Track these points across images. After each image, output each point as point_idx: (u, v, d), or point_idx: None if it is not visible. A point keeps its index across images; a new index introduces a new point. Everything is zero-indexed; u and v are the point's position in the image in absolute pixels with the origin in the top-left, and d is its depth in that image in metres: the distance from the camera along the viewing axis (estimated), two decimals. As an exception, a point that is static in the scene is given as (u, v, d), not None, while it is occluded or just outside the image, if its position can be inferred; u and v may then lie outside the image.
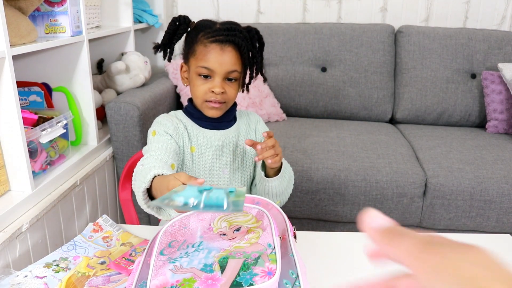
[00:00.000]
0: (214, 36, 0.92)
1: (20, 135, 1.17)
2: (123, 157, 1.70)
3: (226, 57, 0.92)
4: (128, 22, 1.99)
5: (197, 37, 0.95)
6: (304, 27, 2.21)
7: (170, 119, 0.99)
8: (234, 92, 0.97)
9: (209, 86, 0.94)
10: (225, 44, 0.92)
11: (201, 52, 0.93)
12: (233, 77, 0.95)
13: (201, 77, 0.94)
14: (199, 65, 0.93)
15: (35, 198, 1.24)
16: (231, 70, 0.93)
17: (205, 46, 0.93)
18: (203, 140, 0.99)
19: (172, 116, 1.01)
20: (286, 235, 0.70)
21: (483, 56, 2.13)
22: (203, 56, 0.93)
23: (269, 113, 2.06)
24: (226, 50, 0.92)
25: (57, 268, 0.78)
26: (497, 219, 1.62)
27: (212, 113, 0.97)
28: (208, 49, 0.93)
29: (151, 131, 0.98)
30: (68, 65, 1.55)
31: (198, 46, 0.94)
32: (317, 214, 1.67)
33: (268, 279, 0.56)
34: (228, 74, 0.94)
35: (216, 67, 0.92)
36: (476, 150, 1.77)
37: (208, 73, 0.93)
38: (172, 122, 0.98)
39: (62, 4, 1.41)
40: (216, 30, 0.93)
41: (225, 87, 0.94)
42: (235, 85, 0.97)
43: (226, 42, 0.92)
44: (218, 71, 0.93)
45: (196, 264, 0.61)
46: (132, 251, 0.84)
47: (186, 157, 0.99)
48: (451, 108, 2.12)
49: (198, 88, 0.95)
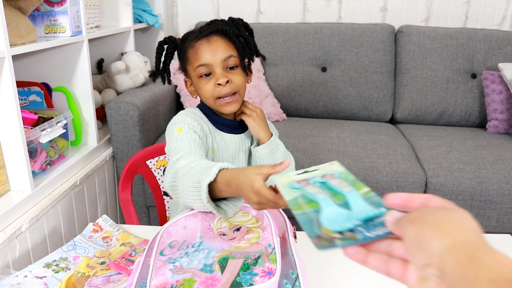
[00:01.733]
0: (198, 35, 0.92)
1: (20, 135, 1.17)
2: (123, 157, 1.70)
3: (216, 46, 0.91)
4: (128, 22, 1.99)
5: (185, 46, 0.95)
6: (304, 27, 2.20)
7: (194, 116, 0.95)
8: (240, 78, 0.93)
9: (213, 81, 0.91)
10: (210, 36, 0.92)
11: (192, 54, 0.93)
12: (232, 64, 0.92)
13: (203, 78, 0.92)
14: (195, 66, 0.92)
15: (35, 198, 1.24)
16: (226, 56, 0.91)
17: (193, 47, 0.93)
18: (221, 143, 0.97)
19: (194, 114, 0.96)
20: (286, 235, 0.70)
21: (484, 56, 2.13)
22: (195, 57, 0.92)
23: (269, 113, 2.06)
24: (213, 40, 0.92)
25: (57, 268, 0.78)
26: (498, 219, 1.62)
27: (229, 109, 0.93)
28: (196, 47, 0.92)
29: (175, 128, 0.91)
30: (68, 65, 1.54)
31: (188, 51, 0.94)
32: (317, 214, 1.67)
33: (268, 279, 0.56)
34: (225, 62, 0.91)
35: (210, 60, 0.91)
36: (477, 150, 1.77)
37: (207, 70, 0.91)
38: (197, 121, 0.94)
39: (62, 4, 1.41)
40: (199, 29, 0.94)
41: (229, 76, 0.91)
42: (239, 71, 0.94)
43: (210, 33, 0.92)
44: (214, 62, 0.91)
45: (196, 264, 0.61)
46: (132, 251, 0.84)
47: (208, 158, 0.95)
48: (451, 108, 2.12)
49: (204, 89, 0.93)
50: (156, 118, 1.81)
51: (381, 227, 0.42)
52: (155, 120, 1.80)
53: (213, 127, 0.97)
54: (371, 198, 0.46)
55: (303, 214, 0.45)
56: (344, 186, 0.49)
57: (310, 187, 0.50)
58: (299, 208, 0.47)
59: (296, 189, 0.51)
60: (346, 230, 0.42)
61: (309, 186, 0.50)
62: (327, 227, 0.43)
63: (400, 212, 0.41)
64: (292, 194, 0.50)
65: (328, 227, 0.42)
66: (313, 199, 0.47)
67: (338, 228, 0.42)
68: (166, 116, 1.93)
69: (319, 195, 0.48)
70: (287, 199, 0.49)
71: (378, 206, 0.44)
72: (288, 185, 0.52)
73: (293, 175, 0.53)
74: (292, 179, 0.52)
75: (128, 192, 1.16)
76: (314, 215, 0.45)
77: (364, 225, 0.42)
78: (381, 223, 0.42)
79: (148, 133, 1.73)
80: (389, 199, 0.42)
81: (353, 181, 0.50)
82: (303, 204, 0.48)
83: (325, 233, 0.42)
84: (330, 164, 0.54)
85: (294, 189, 0.51)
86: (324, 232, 0.42)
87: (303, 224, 0.44)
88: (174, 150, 0.85)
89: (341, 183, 0.49)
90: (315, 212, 0.46)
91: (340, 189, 0.48)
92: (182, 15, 2.46)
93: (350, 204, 0.45)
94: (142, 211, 1.77)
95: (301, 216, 0.45)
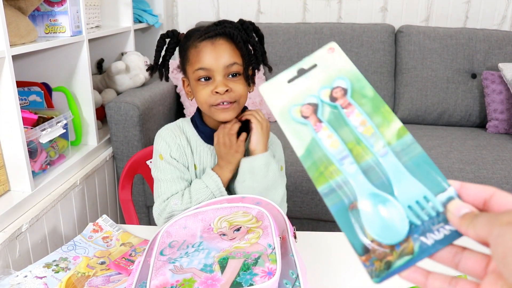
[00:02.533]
0: (202, 35, 0.85)
1: (20, 135, 1.17)
2: (123, 157, 1.70)
3: (220, 51, 0.84)
4: (128, 22, 1.99)
5: (187, 44, 0.88)
6: (304, 27, 2.20)
7: (174, 133, 0.92)
8: (241, 87, 0.86)
9: (211, 88, 0.84)
10: (216, 38, 0.84)
11: (193, 55, 0.86)
12: (235, 71, 0.85)
13: (201, 82, 0.86)
14: (195, 68, 0.85)
15: (35, 198, 1.24)
16: (229, 63, 0.84)
17: (195, 47, 0.86)
18: (206, 157, 0.93)
19: (175, 129, 0.93)
20: (286, 235, 0.70)
21: (484, 56, 2.13)
22: (196, 58, 0.85)
23: (269, 113, 2.06)
24: (218, 43, 0.84)
25: (57, 268, 0.78)
26: (498, 219, 1.62)
27: (224, 116, 0.87)
28: (199, 48, 0.85)
29: (157, 153, 0.92)
30: (68, 65, 1.54)
31: (190, 51, 0.87)
32: (317, 214, 1.67)
33: (268, 279, 0.56)
34: (227, 69, 0.84)
35: (212, 64, 0.84)
36: (477, 150, 1.77)
37: (206, 74, 0.85)
38: (175, 140, 0.91)
39: (62, 4, 1.41)
40: (204, 29, 0.87)
41: (229, 84, 0.85)
42: (240, 80, 0.87)
43: (216, 35, 0.84)
44: (215, 67, 0.84)
45: (196, 264, 0.61)
46: (132, 251, 0.84)
47: (190, 173, 0.94)
48: (452, 108, 2.12)
49: (199, 94, 0.86)
50: (156, 118, 1.81)
51: (443, 223, 0.31)
52: (155, 120, 1.80)
53: (200, 140, 0.93)
54: (413, 154, 0.34)
55: (331, 194, 0.34)
56: (366, 124, 0.35)
57: (321, 128, 0.36)
58: (321, 176, 0.35)
59: (302, 124, 0.37)
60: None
61: (320, 126, 0.36)
62: (377, 238, 0.32)
63: (462, 202, 0.31)
64: (302, 139, 0.37)
65: (377, 239, 0.32)
66: (333, 161, 0.35)
67: (393, 241, 0.32)
68: (166, 116, 1.93)
69: (339, 156, 0.35)
70: (299, 153, 0.36)
71: (432, 178, 0.32)
72: (288, 113, 0.37)
73: (287, 89, 0.38)
74: (291, 101, 0.37)
75: (128, 192, 1.16)
76: (345, 193, 0.34)
77: (416, 218, 0.32)
78: (441, 217, 0.31)
79: (148, 133, 1.73)
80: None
81: (373, 103, 0.36)
82: (321, 164, 0.35)
83: (372, 241, 0.32)
84: (328, 50, 0.38)
85: (299, 124, 0.37)
86: (370, 240, 0.32)
87: (338, 217, 0.33)
88: (158, 189, 0.91)
89: (359, 115, 0.36)
90: (345, 186, 0.34)
91: (364, 136, 0.35)
92: (182, 15, 2.46)
93: (389, 176, 0.34)
94: (142, 211, 1.77)
95: (330, 199, 0.34)
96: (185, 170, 0.92)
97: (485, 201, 0.31)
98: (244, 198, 0.76)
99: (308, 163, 0.35)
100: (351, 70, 0.38)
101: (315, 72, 0.38)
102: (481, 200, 0.31)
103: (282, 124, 0.37)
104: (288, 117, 0.37)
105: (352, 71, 0.38)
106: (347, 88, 0.37)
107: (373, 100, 0.36)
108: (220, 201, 0.75)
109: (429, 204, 0.32)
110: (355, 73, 0.38)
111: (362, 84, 0.37)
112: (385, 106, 0.36)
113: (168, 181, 0.90)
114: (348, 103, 0.36)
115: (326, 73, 0.38)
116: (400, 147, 0.34)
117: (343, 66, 0.38)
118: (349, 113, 0.36)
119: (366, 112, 0.36)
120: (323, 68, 0.38)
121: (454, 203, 0.31)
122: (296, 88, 0.38)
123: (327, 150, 0.35)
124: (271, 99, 0.38)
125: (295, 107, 0.37)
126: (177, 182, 0.90)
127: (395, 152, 0.34)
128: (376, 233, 0.32)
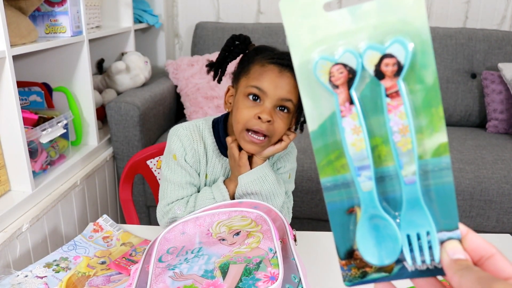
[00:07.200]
0: (274, 58, 0.82)
1: (20, 135, 1.17)
2: (123, 157, 1.70)
3: (283, 82, 0.80)
4: (128, 22, 1.99)
5: (254, 58, 0.84)
6: (304, 27, 2.20)
7: (192, 137, 0.89)
8: (283, 125, 0.82)
9: (256, 112, 0.80)
10: (285, 68, 0.80)
11: (256, 71, 0.82)
12: (285, 106, 0.81)
13: (249, 99, 0.81)
14: (251, 84, 0.81)
15: (35, 198, 1.24)
16: (285, 98, 0.80)
17: (262, 65, 0.82)
18: (218, 169, 0.91)
19: (195, 132, 0.90)
20: (286, 238, 0.70)
21: (483, 56, 2.13)
22: (257, 75, 0.81)
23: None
24: (285, 74, 0.80)
25: (57, 268, 0.78)
26: (497, 219, 1.62)
27: (249, 148, 0.83)
28: (265, 68, 0.81)
29: (171, 152, 0.89)
30: (68, 65, 1.55)
31: (254, 66, 0.83)
32: (317, 214, 1.67)
33: (271, 284, 0.56)
34: (281, 101, 0.80)
35: (269, 89, 0.79)
36: (476, 150, 1.77)
37: (258, 94, 0.80)
38: (192, 145, 0.88)
39: (62, 4, 1.41)
40: (278, 53, 0.84)
41: (274, 116, 0.80)
42: (286, 118, 0.82)
43: (287, 66, 0.80)
44: (271, 94, 0.80)
45: (196, 270, 0.60)
46: (132, 251, 0.84)
47: (200, 182, 0.93)
48: (451, 108, 2.12)
49: (242, 111, 0.81)
50: (156, 118, 1.81)
51: (430, 258, 0.30)
52: (156, 120, 1.81)
53: (217, 150, 0.91)
54: (441, 181, 0.28)
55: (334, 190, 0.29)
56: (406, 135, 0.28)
57: (349, 114, 0.28)
58: (328, 166, 0.29)
59: (326, 91, 0.27)
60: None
61: (348, 110, 0.28)
62: (363, 254, 0.31)
63: (461, 247, 0.30)
64: (319, 109, 0.28)
65: (364, 256, 0.30)
66: (349, 163, 0.29)
67: (377, 263, 0.30)
68: (166, 116, 1.93)
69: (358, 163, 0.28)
70: (312, 127, 0.28)
71: (445, 214, 0.29)
72: (313, 68, 0.27)
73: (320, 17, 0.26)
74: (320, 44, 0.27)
75: (129, 192, 1.16)
76: (349, 195, 0.29)
77: (408, 246, 0.30)
78: (433, 252, 0.30)
79: (149, 133, 1.73)
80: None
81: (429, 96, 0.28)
82: (333, 151, 0.29)
83: (357, 250, 0.31)
84: None
85: (323, 89, 0.28)
86: (356, 249, 0.31)
87: (332, 217, 0.30)
88: (165, 189, 0.90)
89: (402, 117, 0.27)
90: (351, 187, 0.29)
91: (398, 150, 0.28)
92: (182, 15, 2.46)
93: (404, 199, 0.29)
94: (142, 211, 1.77)
95: (330, 195, 0.30)
96: (195, 176, 0.90)
97: (482, 257, 0.30)
98: (241, 203, 0.76)
99: (318, 143, 0.28)
100: (422, 29, 0.25)
101: (368, 8, 0.25)
102: (480, 255, 0.30)
103: (299, 77, 0.28)
104: (309, 73, 0.27)
105: (422, 32, 0.26)
106: (404, 63, 0.26)
107: (430, 91, 0.27)
108: (218, 206, 0.75)
109: (427, 237, 0.29)
110: (425, 36, 0.26)
111: (426, 59, 0.26)
112: (439, 108, 0.28)
113: (177, 185, 0.89)
114: (396, 91, 0.27)
115: (384, 21, 0.25)
116: (432, 166, 0.28)
117: (413, 18, 0.25)
118: (392, 108, 0.27)
119: (413, 107, 0.27)
120: (382, 7, 0.25)
121: (453, 244, 0.29)
122: (333, 23, 0.26)
123: (347, 147, 0.28)
124: (293, 25, 0.26)
125: (323, 62, 0.27)
126: (185, 187, 0.89)
127: (424, 170, 0.28)
128: (365, 249, 0.30)
